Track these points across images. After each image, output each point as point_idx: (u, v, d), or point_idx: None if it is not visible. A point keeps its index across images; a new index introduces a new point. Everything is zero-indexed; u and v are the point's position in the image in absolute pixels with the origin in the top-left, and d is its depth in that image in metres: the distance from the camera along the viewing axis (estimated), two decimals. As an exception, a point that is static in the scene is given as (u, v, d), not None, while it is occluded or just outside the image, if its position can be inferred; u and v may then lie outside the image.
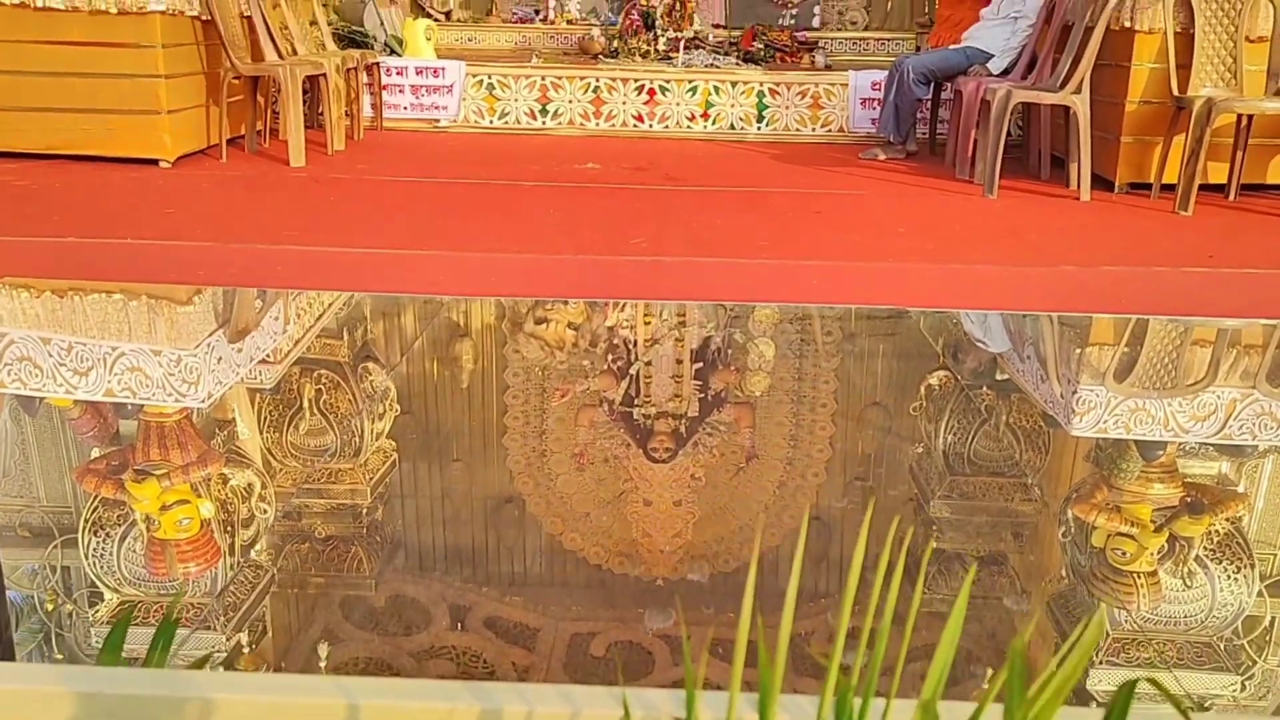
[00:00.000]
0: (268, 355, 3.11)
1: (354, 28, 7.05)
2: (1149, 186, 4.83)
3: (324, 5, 6.72)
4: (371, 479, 2.28)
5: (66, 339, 3.08)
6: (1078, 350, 3.33)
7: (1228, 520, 2.20)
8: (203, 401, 2.69)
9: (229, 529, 2.05)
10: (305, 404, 2.71)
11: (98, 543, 1.96)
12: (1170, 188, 4.65)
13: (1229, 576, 1.95)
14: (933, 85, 5.89)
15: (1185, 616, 1.82)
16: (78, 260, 3.48)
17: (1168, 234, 4.21)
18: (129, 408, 2.62)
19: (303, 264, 3.51)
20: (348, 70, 5.90)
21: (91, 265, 3.42)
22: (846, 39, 9.32)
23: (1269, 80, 4.64)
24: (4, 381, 2.76)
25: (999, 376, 3.10)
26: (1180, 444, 2.56)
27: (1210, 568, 1.97)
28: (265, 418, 2.63)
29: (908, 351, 3.34)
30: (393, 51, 7.03)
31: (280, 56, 5.37)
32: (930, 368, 3.12)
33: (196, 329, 3.33)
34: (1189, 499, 2.28)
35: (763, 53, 7.88)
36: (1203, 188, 4.57)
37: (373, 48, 6.89)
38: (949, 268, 3.60)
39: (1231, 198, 4.74)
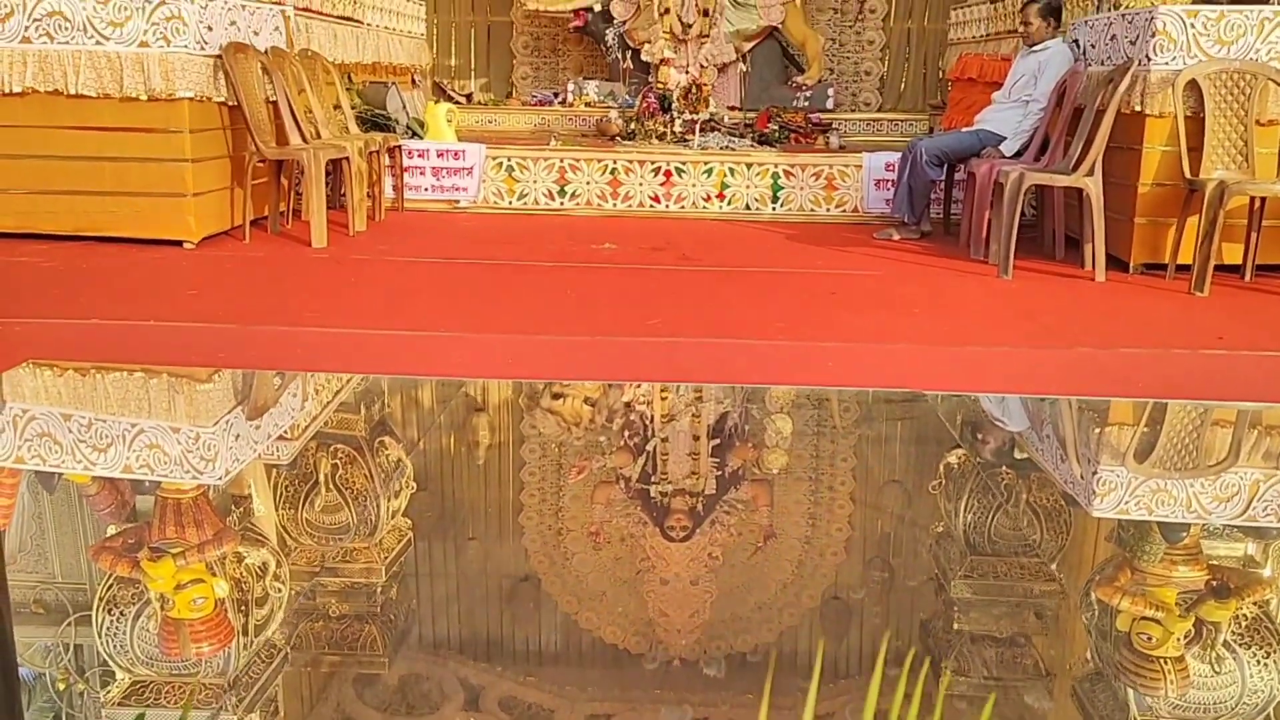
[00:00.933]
0: (285, 432, 3.12)
1: (377, 111, 7.21)
2: (1164, 267, 4.84)
3: (348, 89, 6.88)
4: (386, 557, 2.28)
5: (87, 415, 3.11)
6: (1097, 430, 3.31)
7: (1255, 604, 2.16)
8: (220, 478, 2.70)
9: (243, 608, 2.04)
10: (321, 480, 2.71)
11: (112, 621, 1.96)
12: (1185, 268, 4.66)
13: (1259, 662, 1.91)
14: (946, 166, 5.96)
15: (1215, 703, 1.78)
16: (101, 342, 3.52)
17: (1184, 315, 4.21)
18: (146, 484, 2.63)
19: (322, 346, 3.55)
20: (370, 153, 6.01)
21: (114, 347, 3.47)
22: (860, 120, 9.47)
23: (1281, 163, 4.68)
24: (24, 457, 2.78)
25: (1018, 456, 3.08)
26: (1203, 526, 2.53)
27: (1239, 653, 1.93)
28: (281, 493, 2.64)
29: (926, 430, 3.33)
30: (415, 134, 7.17)
31: (304, 140, 5.48)
32: (948, 446, 3.10)
33: (215, 406, 3.35)
34: (1214, 582, 2.25)
35: (777, 134, 8.00)
36: (1218, 268, 4.58)
37: (395, 130, 7.03)
38: (965, 350, 3.60)
39: (1247, 278, 4.75)
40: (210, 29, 4.99)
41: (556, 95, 9.78)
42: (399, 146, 6.61)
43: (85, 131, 4.94)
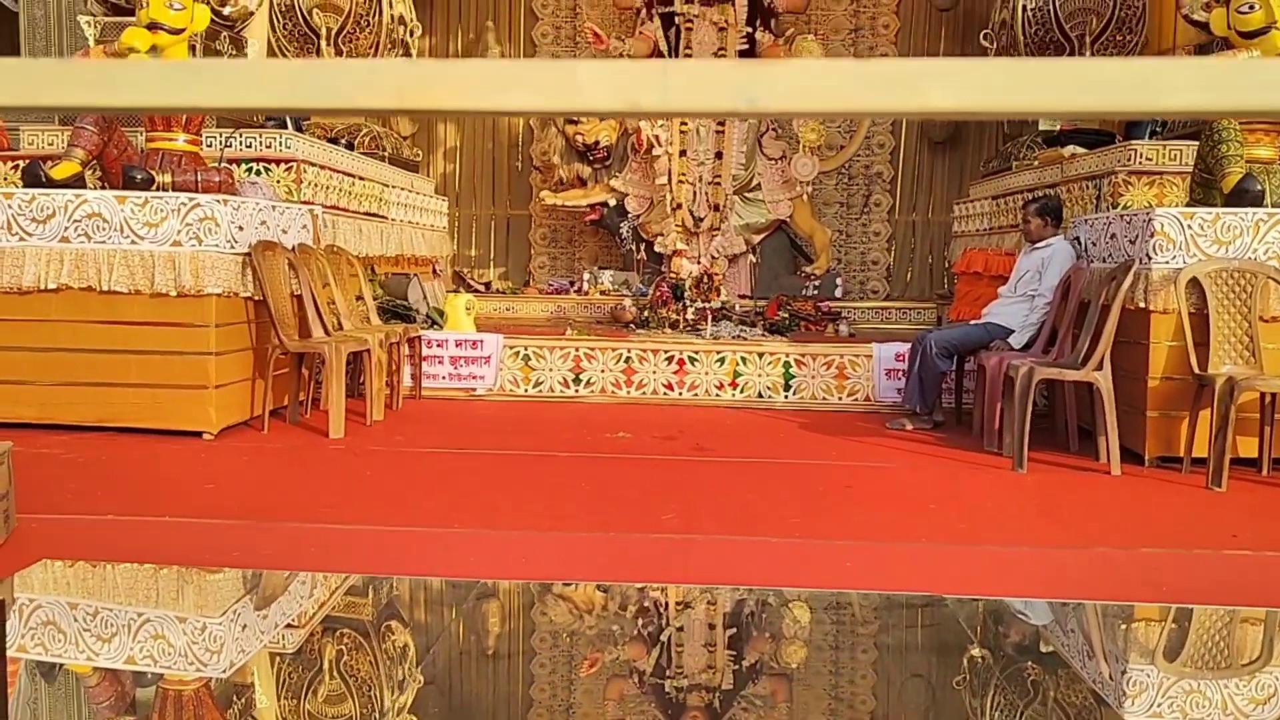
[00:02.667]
0: (292, 620, 3.07)
1: (398, 301, 7.40)
2: (1179, 460, 4.83)
3: (371, 280, 7.09)
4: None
5: (93, 604, 3.07)
6: (1122, 627, 3.23)
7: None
8: (224, 671, 2.65)
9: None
10: (325, 670, 2.65)
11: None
12: (1201, 461, 4.65)
13: None
14: (955, 358, 6.05)
15: None
16: (116, 540, 3.51)
17: (1204, 512, 4.17)
18: (149, 676, 2.58)
19: (335, 544, 3.53)
20: (390, 344, 6.14)
21: (129, 545, 3.46)
22: (869, 308, 9.67)
23: (1288, 358, 4.73)
24: (26, 646, 2.73)
25: (1044, 650, 3.00)
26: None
27: None
28: (284, 684, 2.58)
29: (946, 628, 3.25)
30: (434, 323, 7.35)
31: (327, 332, 5.62)
32: (970, 644, 3.03)
33: (223, 596, 3.31)
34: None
35: (788, 322, 8.16)
36: (1234, 462, 4.57)
37: (415, 320, 7.21)
38: (983, 549, 3.56)
39: (1264, 472, 4.72)
40: (241, 229, 5.20)
41: (572, 284, 10.06)
42: (419, 337, 6.75)
43: (114, 326, 5.07)
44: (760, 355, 6.91)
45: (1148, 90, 0.49)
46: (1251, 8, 5.34)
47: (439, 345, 6.94)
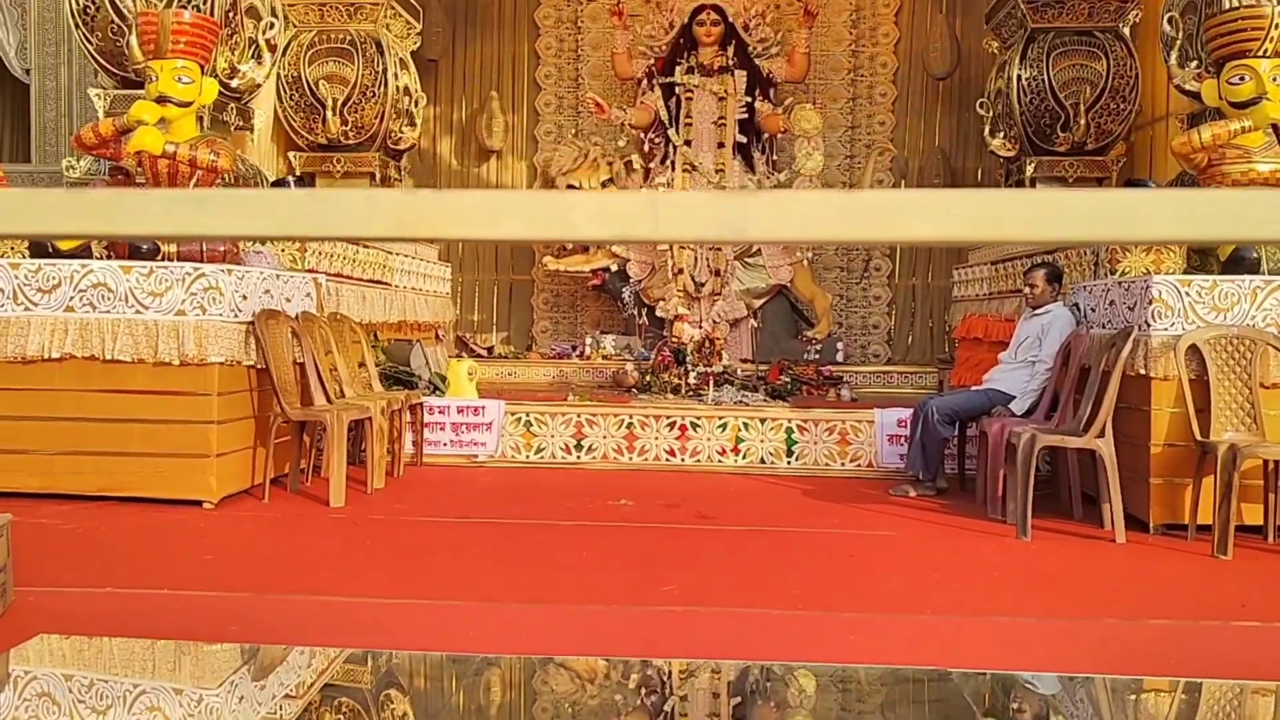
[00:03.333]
0: (290, 690, 3.04)
1: (400, 367, 7.42)
2: (1184, 527, 4.80)
3: (373, 346, 7.12)
4: None
5: (88, 676, 3.04)
6: (1132, 698, 3.19)
7: None
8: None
9: None
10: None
11: None
12: (1206, 528, 4.63)
13: None
14: (958, 424, 6.04)
15: None
16: (114, 613, 3.49)
17: (1210, 581, 4.13)
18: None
19: (334, 619, 3.51)
20: (392, 411, 6.15)
21: (127, 619, 3.44)
22: (870, 372, 9.67)
23: (1289, 425, 4.72)
24: (19, 719, 2.70)
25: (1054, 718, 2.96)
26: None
27: None
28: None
29: (953, 701, 3.21)
30: (436, 389, 7.36)
31: (329, 400, 5.63)
32: (975, 718, 2.99)
33: (221, 667, 3.28)
34: None
35: (789, 386, 8.17)
36: (1239, 529, 4.53)
37: (417, 386, 7.22)
38: (988, 620, 3.53)
39: (1270, 540, 4.69)
40: (245, 298, 5.24)
41: (575, 348, 10.09)
42: (420, 404, 6.76)
43: (117, 394, 5.08)
44: (762, 421, 6.91)
45: (1126, 221, 0.51)
46: (1242, 79, 5.44)
47: (441, 411, 6.94)
